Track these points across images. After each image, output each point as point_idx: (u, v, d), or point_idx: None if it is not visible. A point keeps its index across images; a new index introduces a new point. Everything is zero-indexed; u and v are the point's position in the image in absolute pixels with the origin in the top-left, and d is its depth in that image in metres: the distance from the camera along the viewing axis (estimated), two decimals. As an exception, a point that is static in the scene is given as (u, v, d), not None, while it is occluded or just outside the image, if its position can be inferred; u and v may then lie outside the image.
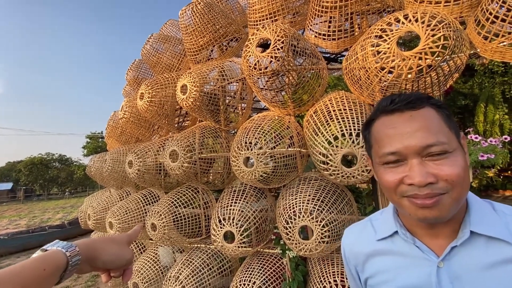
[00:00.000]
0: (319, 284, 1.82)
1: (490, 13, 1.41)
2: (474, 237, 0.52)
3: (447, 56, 1.33)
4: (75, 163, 38.05)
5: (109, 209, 3.21)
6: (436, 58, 1.29)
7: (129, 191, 3.57)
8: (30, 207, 20.17)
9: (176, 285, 2.30)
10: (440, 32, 1.24)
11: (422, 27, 1.26)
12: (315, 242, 1.72)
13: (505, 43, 1.42)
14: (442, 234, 0.55)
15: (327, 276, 1.81)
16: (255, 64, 1.80)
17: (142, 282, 2.68)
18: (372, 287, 0.63)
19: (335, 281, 1.77)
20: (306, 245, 1.76)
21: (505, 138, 1.97)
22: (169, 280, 2.38)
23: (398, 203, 0.54)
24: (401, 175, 0.51)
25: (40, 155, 35.91)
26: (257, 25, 2.34)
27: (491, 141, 1.84)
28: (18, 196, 32.70)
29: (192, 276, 2.33)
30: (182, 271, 2.37)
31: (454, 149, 0.50)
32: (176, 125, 3.16)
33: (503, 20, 1.36)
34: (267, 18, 2.28)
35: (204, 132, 2.58)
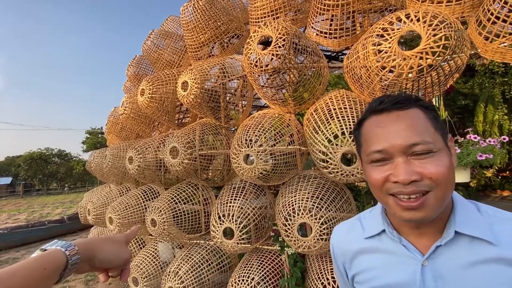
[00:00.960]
0: (317, 281, 1.84)
1: (492, 14, 1.41)
2: (458, 237, 0.54)
3: (448, 56, 1.33)
4: (74, 159, 38.04)
5: (109, 204, 3.22)
6: (437, 58, 1.29)
7: (129, 187, 3.58)
8: (29, 202, 20.19)
9: (175, 280, 2.33)
10: (441, 32, 1.24)
11: (424, 26, 1.27)
12: (314, 239, 1.74)
13: (505, 44, 1.42)
14: (427, 234, 0.56)
15: (325, 273, 1.83)
16: (256, 62, 1.80)
17: (141, 277, 2.70)
18: (359, 283, 0.65)
19: (332, 278, 1.79)
20: (304, 242, 1.78)
21: (504, 139, 1.98)
22: (169, 275, 2.40)
23: (384, 201, 0.55)
24: (387, 173, 0.52)
25: (40, 150, 35.86)
26: (258, 22, 2.34)
27: (489, 141, 1.85)
28: (17, 191, 32.73)
29: (191, 272, 2.35)
30: (182, 267, 2.40)
31: (439, 149, 0.51)
32: (176, 122, 3.17)
33: (504, 21, 1.37)
34: (268, 16, 2.28)
35: (204, 129, 2.58)
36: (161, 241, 2.98)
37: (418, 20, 1.30)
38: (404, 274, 0.56)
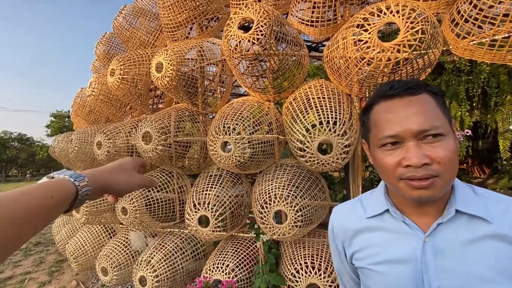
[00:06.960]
0: (290, 266, 1.89)
1: (465, 12, 1.47)
2: (458, 215, 0.58)
3: (423, 51, 1.37)
4: (37, 143, 35.20)
5: (76, 192, 3.02)
6: (413, 52, 1.32)
7: (98, 174, 3.38)
8: (-16, 189, 18.53)
9: (147, 269, 2.27)
10: (418, 25, 1.27)
11: (403, 19, 1.28)
12: (289, 226, 1.76)
13: (475, 42, 1.49)
14: (429, 213, 0.60)
15: (298, 258, 1.88)
16: (236, 45, 1.74)
17: (111, 267, 2.60)
18: (359, 260, 0.67)
19: (305, 263, 1.84)
20: (279, 229, 1.80)
21: (467, 132, 2.12)
22: (140, 264, 2.33)
23: (395, 185, 0.57)
24: (399, 157, 0.55)
25: (-4, 133, 32.67)
26: (239, 5, 2.24)
27: (454, 134, 1.96)
28: (-30, 177, 29.82)
29: (165, 260, 2.30)
30: (154, 255, 2.34)
31: (448, 133, 0.54)
32: (150, 107, 3.01)
33: (476, 19, 1.42)
34: (250, -2, 2.19)
35: (180, 115, 2.48)
36: (133, 230, 2.88)
37: (397, 12, 1.32)
38: (405, 249, 0.59)
